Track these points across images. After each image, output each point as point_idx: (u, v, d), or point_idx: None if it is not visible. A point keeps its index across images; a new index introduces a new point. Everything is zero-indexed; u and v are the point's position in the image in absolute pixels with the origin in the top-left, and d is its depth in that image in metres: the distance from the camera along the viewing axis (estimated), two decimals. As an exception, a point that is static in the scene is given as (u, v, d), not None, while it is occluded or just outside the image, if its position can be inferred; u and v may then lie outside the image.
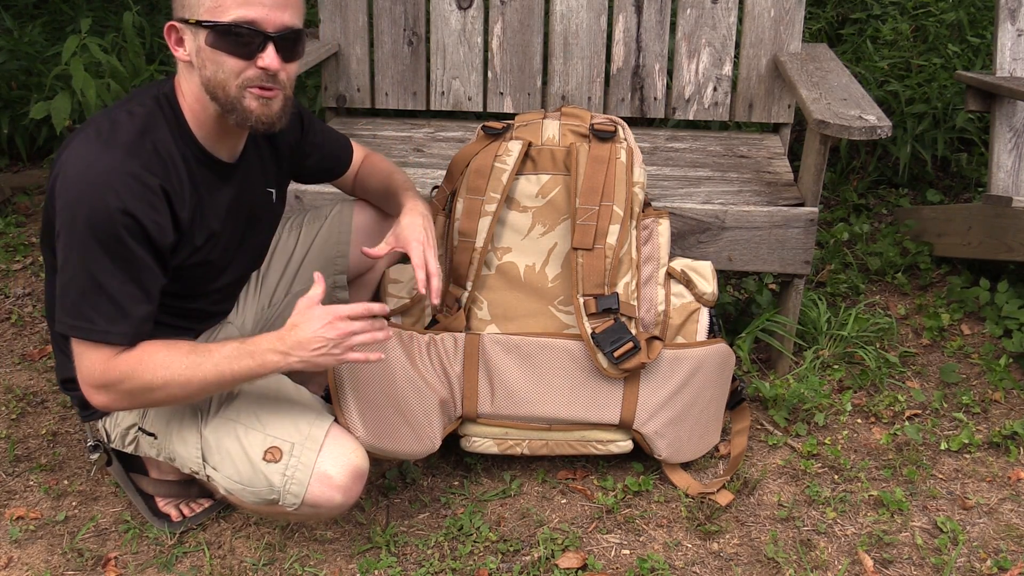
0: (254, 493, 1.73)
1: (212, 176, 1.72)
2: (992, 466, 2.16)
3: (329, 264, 2.11)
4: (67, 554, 1.92)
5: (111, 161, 1.55)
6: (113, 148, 1.57)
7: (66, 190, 1.55)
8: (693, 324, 2.11)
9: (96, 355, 1.60)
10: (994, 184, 2.77)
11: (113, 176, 1.54)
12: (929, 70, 3.31)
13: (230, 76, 1.60)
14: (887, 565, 1.89)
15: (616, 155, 2.06)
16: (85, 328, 1.58)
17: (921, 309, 2.78)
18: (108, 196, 1.53)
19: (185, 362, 1.59)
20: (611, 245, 2.01)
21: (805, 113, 2.22)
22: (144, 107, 1.65)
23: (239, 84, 1.60)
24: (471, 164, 2.09)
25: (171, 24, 1.62)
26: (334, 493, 1.72)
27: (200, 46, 1.59)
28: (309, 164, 2.03)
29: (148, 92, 1.69)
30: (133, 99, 1.68)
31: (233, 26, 1.56)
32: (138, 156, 1.58)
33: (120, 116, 1.63)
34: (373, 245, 2.12)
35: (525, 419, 2.02)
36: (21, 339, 2.69)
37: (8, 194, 3.46)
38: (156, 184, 1.59)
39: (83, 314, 1.58)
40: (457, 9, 2.74)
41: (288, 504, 1.73)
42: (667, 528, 1.98)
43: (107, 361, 1.60)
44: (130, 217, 1.54)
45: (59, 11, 3.76)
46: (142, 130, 1.61)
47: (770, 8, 2.65)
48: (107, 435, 1.90)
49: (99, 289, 1.57)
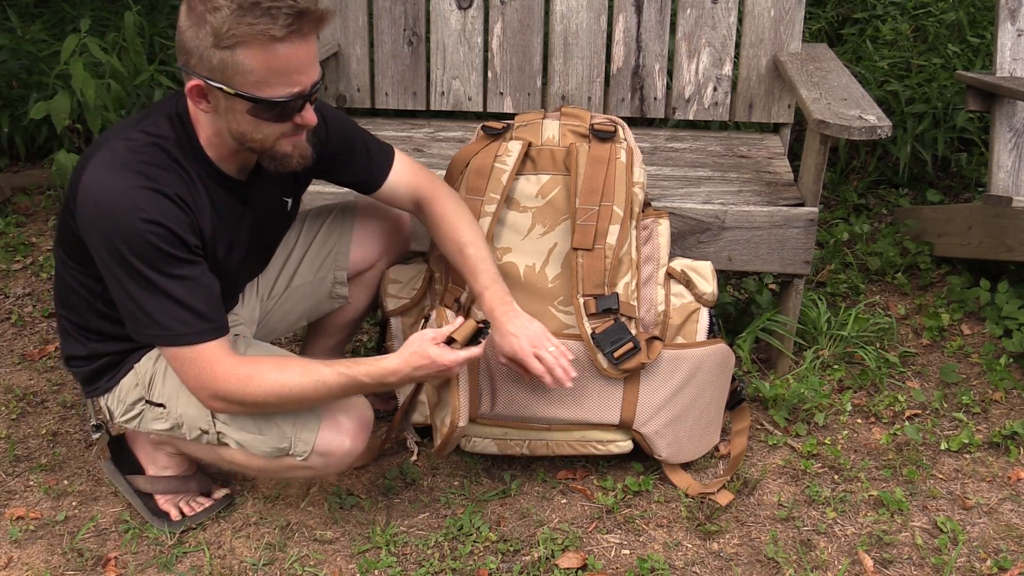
0: (264, 442, 1.76)
1: (228, 194, 1.74)
2: (992, 466, 2.16)
3: (329, 260, 2.11)
4: (67, 554, 1.92)
5: (125, 184, 1.58)
6: (127, 171, 1.59)
7: (93, 224, 1.60)
8: (693, 324, 2.11)
9: (197, 360, 1.64)
10: (994, 184, 2.77)
11: (130, 195, 1.57)
12: (929, 70, 3.31)
13: (268, 136, 1.62)
14: (887, 565, 1.89)
15: (616, 155, 2.06)
16: (166, 335, 1.63)
17: (921, 309, 2.78)
18: (130, 215, 1.56)
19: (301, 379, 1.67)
20: (611, 245, 2.00)
21: (805, 113, 2.22)
22: (158, 128, 1.65)
23: (275, 138, 1.62)
24: (471, 164, 2.09)
25: (198, 84, 1.57)
26: (344, 438, 1.77)
27: (236, 112, 1.58)
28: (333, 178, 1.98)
29: (162, 111, 1.68)
30: (147, 117, 1.68)
31: (281, 102, 1.56)
32: (152, 176, 1.60)
33: (134, 136, 1.64)
34: (374, 244, 2.14)
35: (525, 419, 2.02)
36: (21, 339, 2.69)
37: (8, 194, 3.46)
38: (173, 194, 1.61)
39: (158, 323, 1.62)
40: (457, 9, 2.74)
41: (299, 452, 1.76)
42: (667, 528, 1.98)
43: (212, 367, 1.64)
44: (155, 224, 1.58)
45: (60, 10, 3.76)
46: (156, 151, 1.63)
47: (770, 8, 2.65)
48: (110, 413, 1.90)
49: (161, 297, 1.61)
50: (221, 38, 1.49)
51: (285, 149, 1.64)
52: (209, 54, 1.51)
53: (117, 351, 1.83)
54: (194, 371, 1.65)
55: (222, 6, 1.48)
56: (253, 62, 1.51)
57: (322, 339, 2.24)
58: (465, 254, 1.90)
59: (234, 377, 1.64)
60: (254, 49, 1.50)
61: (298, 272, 2.11)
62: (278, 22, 1.48)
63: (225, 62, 1.51)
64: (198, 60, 1.53)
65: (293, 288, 2.11)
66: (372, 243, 2.13)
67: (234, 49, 1.50)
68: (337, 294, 2.14)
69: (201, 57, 1.53)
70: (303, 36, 1.52)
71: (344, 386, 1.69)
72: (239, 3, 1.48)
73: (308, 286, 2.12)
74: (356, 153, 1.94)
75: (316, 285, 2.12)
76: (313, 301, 2.14)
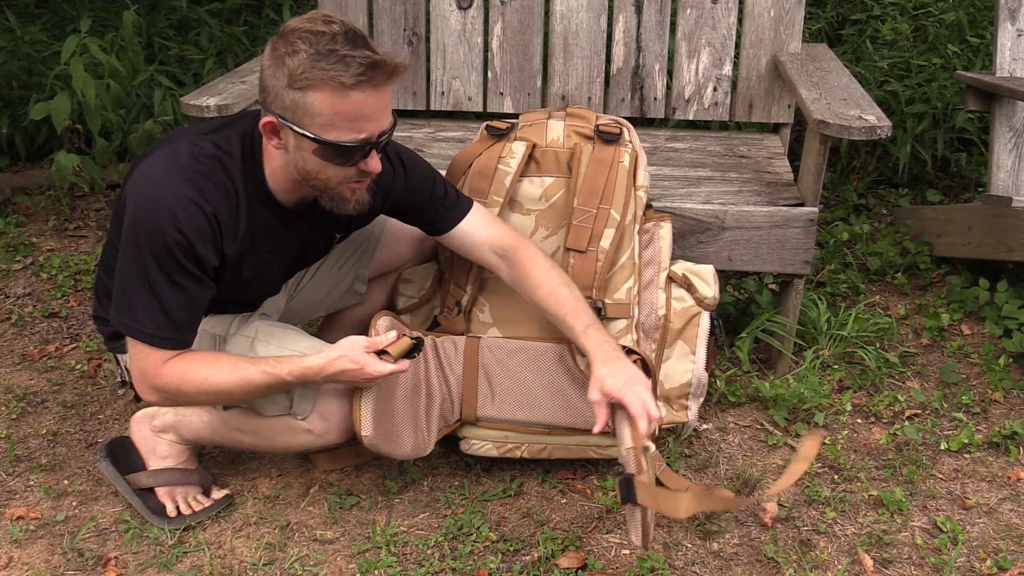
0: (265, 397, 1.82)
1: (275, 220, 1.78)
2: (992, 466, 2.16)
3: (355, 258, 2.16)
4: (67, 554, 1.92)
5: (174, 187, 1.65)
6: (180, 176, 1.66)
7: (134, 202, 1.66)
8: (694, 328, 2.11)
9: (148, 357, 1.72)
10: (994, 184, 2.77)
11: (171, 200, 1.64)
12: (929, 70, 3.31)
13: (332, 178, 1.66)
14: (887, 565, 1.89)
15: (619, 158, 2.05)
16: (136, 329, 1.71)
17: (921, 309, 2.78)
18: (164, 216, 1.63)
19: (228, 377, 1.73)
20: (604, 248, 2.00)
21: (805, 113, 2.22)
22: (228, 143, 1.72)
23: (339, 181, 1.67)
24: (473, 165, 2.09)
25: (271, 120, 1.62)
26: (343, 400, 1.83)
27: (304, 151, 1.63)
28: (404, 219, 1.99)
29: (238, 128, 1.74)
30: (223, 129, 1.75)
31: (346, 146, 1.60)
32: (201, 187, 1.66)
33: (203, 144, 1.70)
34: (401, 249, 2.19)
35: (524, 423, 2.01)
36: (21, 339, 2.69)
37: (8, 194, 3.46)
38: (211, 212, 1.67)
39: (135, 315, 1.70)
40: (457, 9, 2.74)
41: (299, 412, 1.83)
42: (667, 528, 1.98)
43: (158, 365, 1.72)
44: (181, 234, 1.64)
45: (60, 10, 3.76)
46: (215, 166, 1.69)
47: (770, 8, 2.65)
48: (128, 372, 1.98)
49: (151, 296, 1.68)
50: (295, 80, 1.55)
51: (345, 194, 1.70)
52: (283, 94, 1.57)
53: None
54: (141, 364, 1.73)
55: (300, 50, 1.54)
56: (323, 105, 1.56)
57: (338, 332, 2.26)
58: (559, 296, 1.88)
59: (170, 374, 1.72)
60: (325, 93, 1.55)
61: (322, 267, 2.16)
62: (350, 70, 1.53)
63: (297, 103, 1.57)
64: (273, 98, 1.60)
65: (316, 280, 2.16)
66: (399, 247, 2.18)
67: (306, 91, 1.56)
68: (355, 291, 2.19)
69: (276, 95, 1.59)
70: (374, 86, 1.57)
71: (268, 384, 1.74)
72: (317, 48, 1.54)
73: (329, 281, 2.17)
74: (434, 199, 1.94)
75: (337, 280, 2.17)
76: (332, 296, 2.19)
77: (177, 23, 3.72)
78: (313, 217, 1.83)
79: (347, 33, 1.55)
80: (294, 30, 1.57)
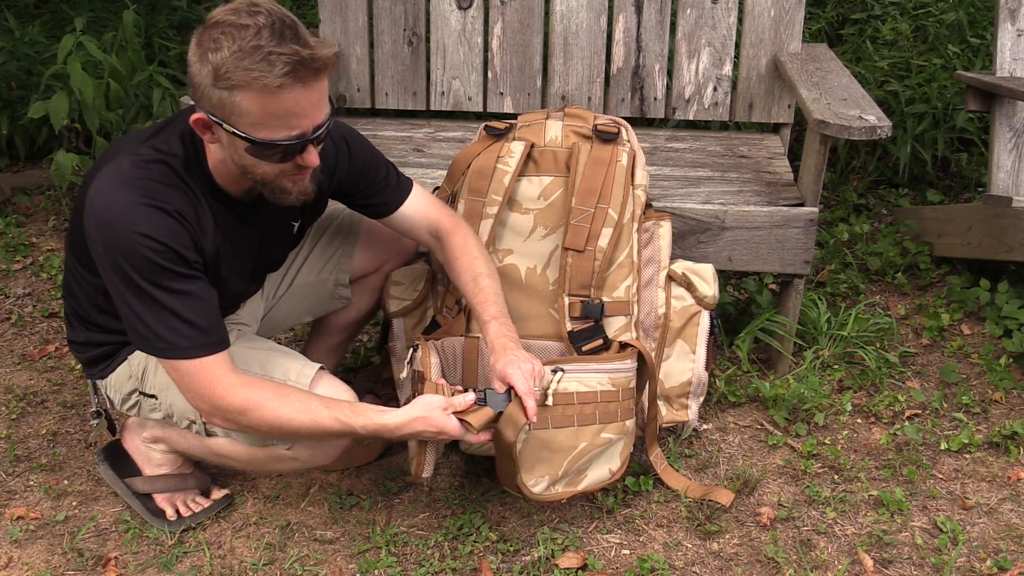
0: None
1: (231, 214, 1.74)
2: (992, 466, 2.16)
3: (332, 262, 2.12)
4: (67, 554, 1.92)
5: (127, 200, 1.59)
6: (129, 187, 1.60)
7: (97, 232, 1.61)
8: (694, 327, 2.11)
9: (198, 374, 1.65)
10: (994, 184, 2.77)
11: (129, 212, 1.58)
12: (929, 70, 3.31)
13: (268, 173, 1.61)
14: (887, 565, 1.89)
15: (617, 158, 2.05)
16: (168, 349, 1.64)
17: (921, 309, 2.78)
18: (129, 231, 1.57)
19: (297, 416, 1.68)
20: (602, 248, 2.00)
21: (805, 113, 2.22)
22: (168, 145, 1.66)
23: (276, 175, 1.61)
24: (472, 165, 2.09)
25: (201, 117, 1.56)
26: None
27: (237, 148, 1.57)
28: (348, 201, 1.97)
29: (176, 127, 1.68)
30: (160, 132, 1.68)
31: (279, 144, 1.55)
32: (153, 192, 1.61)
33: (143, 151, 1.64)
34: (379, 251, 2.15)
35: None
36: (21, 339, 2.69)
37: (8, 194, 3.46)
38: (173, 210, 1.61)
39: (160, 337, 1.63)
40: (457, 9, 2.73)
41: (285, 443, 1.79)
42: (667, 528, 1.98)
43: (213, 383, 1.65)
44: (152, 240, 1.58)
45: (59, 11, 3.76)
46: (162, 168, 1.63)
47: (770, 8, 2.65)
48: (110, 401, 1.95)
49: (161, 312, 1.62)
50: (219, 79, 1.48)
51: (285, 186, 1.64)
52: (210, 92, 1.50)
53: (114, 342, 1.87)
54: (194, 385, 1.66)
55: (223, 46, 1.46)
56: (250, 105, 1.49)
57: (325, 338, 2.25)
58: (479, 284, 1.89)
59: (234, 398, 1.65)
60: (250, 93, 1.48)
61: (301, 271, 2.12)
62: (274, 70, 1.45)
63: (224, 101, 1.50)
64: (201, 95, 1.53)
65: (296, 286, 2.12)
66: (377, 249, 2.14)
67: (232, 91, 1.48)
68: (339, 295, 2.15)
69: (204, 93, 1.52)
70: (303, 84, 1.49)
71: (338, 432, 1.71)
72: (240, 45, 1.45)
73: (310, 286, 2.13)
74: (377, 180, 1.93)
75: (318, 286, 2.13)
76: (315, 300, 2.15)
77: (177, 23, 3.72)
78: (265, 208, 1.77)
79: (273, 26, 1.46)
80: (218, 23, 1.48)
